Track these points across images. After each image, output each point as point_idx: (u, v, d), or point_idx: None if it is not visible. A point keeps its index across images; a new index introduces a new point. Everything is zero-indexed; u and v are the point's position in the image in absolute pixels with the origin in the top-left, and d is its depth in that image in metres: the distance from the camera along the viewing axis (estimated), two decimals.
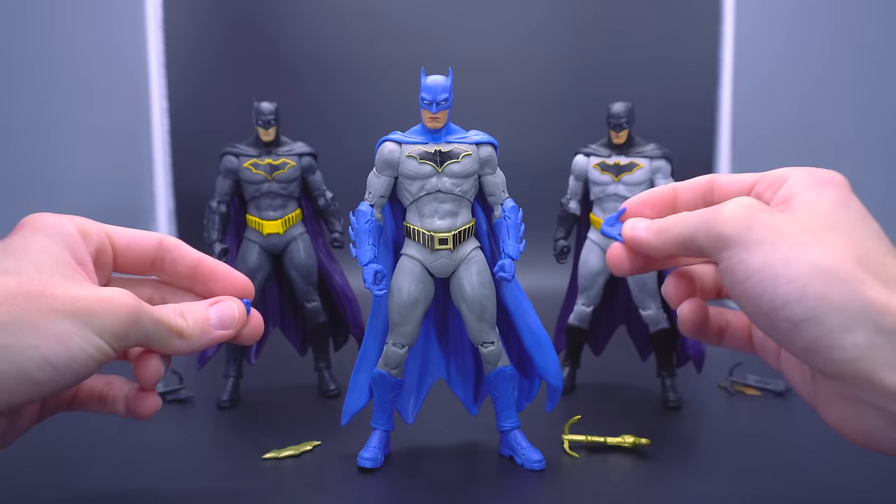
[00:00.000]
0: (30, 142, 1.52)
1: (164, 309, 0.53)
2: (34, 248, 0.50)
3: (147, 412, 0.57)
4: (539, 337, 0.78)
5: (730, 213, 0.43)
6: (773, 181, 0.47)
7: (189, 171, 1.87)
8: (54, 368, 0.46)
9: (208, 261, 0.60)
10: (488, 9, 1.92)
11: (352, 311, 1.09)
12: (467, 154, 0.76)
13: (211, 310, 0.56)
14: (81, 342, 0.47)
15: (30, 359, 0.45)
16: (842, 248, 0.40)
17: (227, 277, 0.60)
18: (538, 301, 0.85)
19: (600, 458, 0.79)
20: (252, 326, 0.59)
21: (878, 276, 0.40)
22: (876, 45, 1.72)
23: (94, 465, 0.77)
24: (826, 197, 0.44)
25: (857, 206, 0.44)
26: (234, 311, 0.57)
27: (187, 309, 0.55)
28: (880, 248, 0.42)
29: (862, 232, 0.42)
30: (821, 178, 0.45)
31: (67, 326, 0.46)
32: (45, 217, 0.53)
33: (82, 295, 0.47)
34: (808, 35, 1.79)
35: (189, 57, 1.91)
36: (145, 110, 1.85)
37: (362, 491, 0.72)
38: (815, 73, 1.79)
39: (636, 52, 1.90)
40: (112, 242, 0.57)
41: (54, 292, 0.47)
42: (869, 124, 1.73)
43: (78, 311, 0.47)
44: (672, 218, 0.48)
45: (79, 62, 1.64)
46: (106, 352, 0.48)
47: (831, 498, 0.69)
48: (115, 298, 0.48)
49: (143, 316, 0.50)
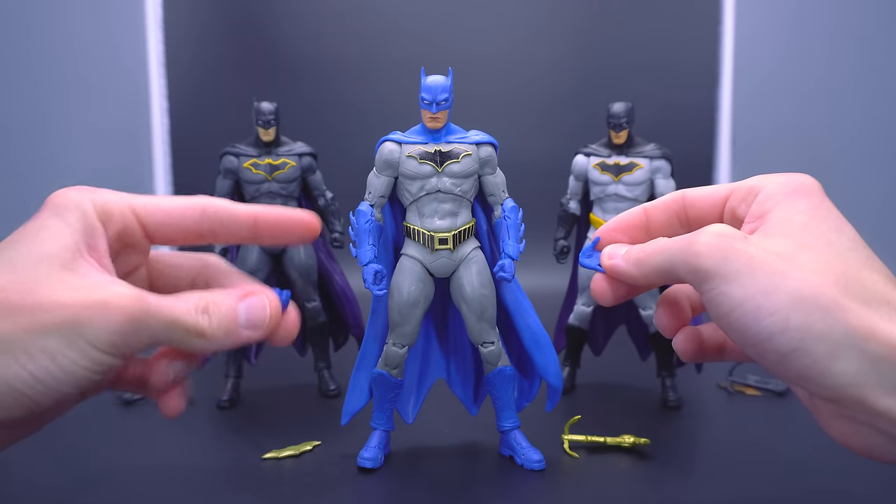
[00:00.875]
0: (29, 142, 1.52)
1: (180, 305, 0.48)
2: (44, 234, 0.47)
3: (168, 414, 0.52)
4: (539, 337, 0.78)
5: (704, 246, 0.42)
6: (745, 194, 0.46)
7: (189, 171, 1.87)
8: (45, 385, 0.44)
9: (265, 215, 0.54)
10: (489, 9, 1.92)
11: (352, 311, 1.09)
12: (467, 154, 0.76)
13: (241, 305, 0.50)
14: (72, 355, 0.44)
15: (17, 377, 0.43)
16: (820, 272, 0.40)
17: (292, 223, 0.54)
18: (538, 301, 0.85)
19: (600, 458, 0.79)
20: (287, 327, 0.53)
21: (858, 297, 0.39)
22: (876, 45, 1.72)
23: (94, 464, 0.77)
24: (800, 210, 0.43)
25: (832, 215, 0.43)
26: (266, 310, 0.51)
27: (213, 302, 0.49)
28: (858, 260, 0.41)
29: (838, 245, 0.42)
30: (793, 187, 0.44)
31: (54, 341, 0.43)
32: (67, 195, 0.49)
33: (73, 300, 0.44)
34: (808, 35, 1.79)
35: (189, 57, 1.91)
36: (145, 110, 1.86)
37: (362, 491, 0.72)
38: (814, 74, 1.79)
39: (636, 52, 1.90)
40: (142, 221, 0.52)
41: (39, 301, 0.44)
42: (869, 124, 1.73)
43: (65, 322, 0.43)
44: (650, 247, 0.47)
45: (78, 62, 1.64)
46: (104, 361, 0.45)
47: (832, 498, 0.69)
48: (111, 302, 0.44)
49: (147, 319, 0.46)
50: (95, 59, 1.69)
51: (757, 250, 0.41)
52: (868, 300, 0.39)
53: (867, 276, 0.41)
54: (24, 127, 1.50)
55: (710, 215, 0.49)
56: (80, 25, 1.64)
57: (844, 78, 1.75)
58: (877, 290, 0.40)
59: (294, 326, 0.53)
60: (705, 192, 0.49)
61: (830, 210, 0.44)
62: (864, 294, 0.39)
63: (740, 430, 0.89)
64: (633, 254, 0.48)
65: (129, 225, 0.52)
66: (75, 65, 1.63)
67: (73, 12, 1.62)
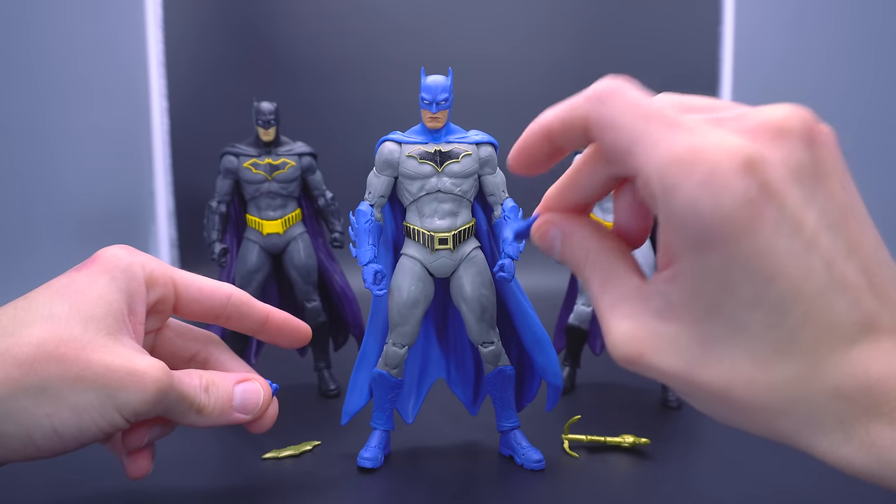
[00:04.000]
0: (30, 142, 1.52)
1: (191, 381, 0.52)
2: (93, 294, 0.49)
3: (134, 475, 0.55)
4: (539, 337, 0.78)
5: (622, 363, 0.37)
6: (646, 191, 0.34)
7: (189, 171, 1.87)
8: (60, 439, 0.46)
9: (276, 316, 0.60)
10: (488, 9, 1.92)
11: (352, 311, 1.09)
12: (467, 154, 0.76)
13: (237, 389, 0.55)
14: (97, 416, 0.47)
15: (39, 426, 0.46)
16: (727, 393, 0.34)
17: (292, 330, 0.61)
18: (538, 301, 0.85)
19: (600, 458, 0.79)
20: (268, 416, 0.58)
21: (769, 407, 0.33)
22: (875, 45, 1.72)
23: (94, 464, 0.77)
24: (711, 276, 0.32)
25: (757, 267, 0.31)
26: (258, 397, 0.56)
27: (213, 382, 0.54)
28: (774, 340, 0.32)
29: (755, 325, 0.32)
30: (702, 230, 0.31)
31: (89, 398, 0.46)
32: (118, 256, 0.52)
33: (117, 366, 0.47)
34: (808, 35, 1.79)
35: (189, 57, 1.91)
36: (145, 110, 1.86)
37: (362, 491, 0.72)
38: (814, 74, 1.79)
39: (636, 53, 1.91)
40: (178, 294, 0.56)
41: (89, 358, 0.46)
42: (869, 124, 1.73)
43: (107, 384, 0.47)
44: (583, 276, 0.40)
45: (78, 62, 1.64)
46: (119, 426, 0.48)
47: (832, 496, 0.69)
48: (149, 374, 0.48)
49: (170, 393, 0.49)
50: (95, 59, 1.69)
51: (658, 375, 0.36)
52: (778, 409, 0.33)
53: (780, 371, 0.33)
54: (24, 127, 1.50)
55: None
56: (80, 25, 1.64)
57: (844, 78, 1.75)
58: (786, 393, 0.33)
59: (273, 417, 0.59)
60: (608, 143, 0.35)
61: (749, 261, 0.31)
62: (772, 404, 0.33)
63: (740, 430, 0.89)
64: (572, 266, 0.41)
65: (168, 295, 0.56)
66: (75, 65, 1.63)
67: (73, 12, 1.61)
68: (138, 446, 0.54)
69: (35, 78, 1.53)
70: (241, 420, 0.55)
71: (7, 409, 0.45)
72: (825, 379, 0.32)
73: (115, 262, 0.52)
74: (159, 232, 1.86)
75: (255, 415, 0.56)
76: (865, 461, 0.32)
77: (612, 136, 0.34)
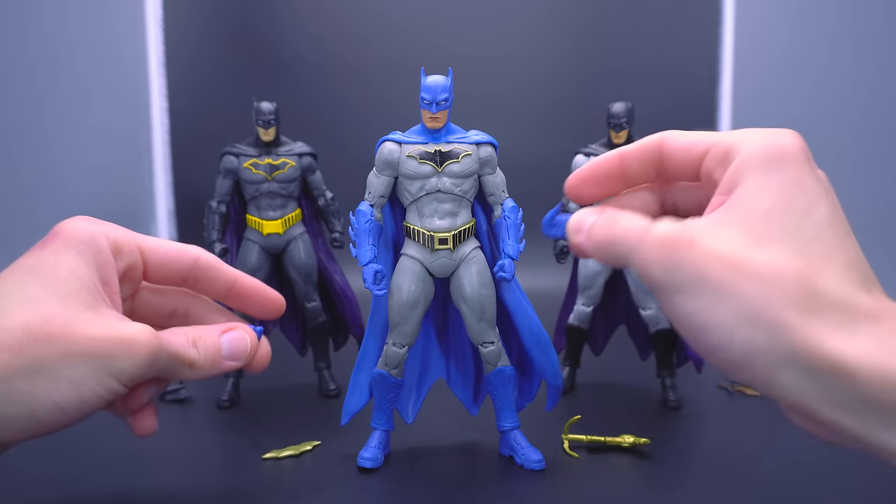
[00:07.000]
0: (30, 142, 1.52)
1: (178, 339, 0.52)
2: (63, 271, 0.49)
3: (142, 433, 0.56)
4: (539, 337, 0.78)
5: (652, 255, 0.41)
6: (722, 156, 0.43)
7: (189, 171, 1.87)
8: (64, 412, 0.47)
9: (244, 281, 0.60)
10: (488, 10, 1.92)
11: (352, 311, 1.09)
12: (467, 154, 0.76)
13: (223, 339, 0.55)
14: (95, 386, 0.47)
15: (41, 404, 0.46)
16: (771, 279, 0.38)
17: (261, 298, 0.61)
18: (538, 301, 0.85)
19: (600, 458, 0.79)
20: (260, 356, 0.59)
21: (808, 305, 0.37)
22: (876, 45, 1.72)
23: (94, 465, 0.77)
24: (769, 189, 0.40)
25: (805, 192, 0.40)
26: (245, 343, 0.56)
27: (200, 337, 0.54)
28: (819, 254, 0.39)
29: (801, 235, 0.39)
30: (770, 155, 0.41)
31: (84, 371, 0.47)
32: (79, 228, 0.52)
33: (104, 335, 0.47)
34: (808, 35, 1.79)
35: (189, 57, 1.90)
36: (145, 110, 1.86)
37: (362, 491, 0.72)
38: (814, 74, 1.79)
39: (636, 52, 1.90)
40: (145, 259, 0.56)
41: (76, 332, 0.47)
42: (869, 124, 1.73)
43: (97, 354, 0.47)
44: (611, 229, 0.45)
45: (78, 62, 1.64)
46: (117, 391, 0.49)
47: (832, 497, 0.69)
48: (138, 339, 0.48)
49: (161, 354, 0.50)
50: (95, 59, 1.69)
51: (706, 259, 0.39)
52: (818, 308, 0.37)
53: (825, 276, 0.38)
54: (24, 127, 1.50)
55: (687, 172, 0.46)
56: (80, 25, 1.64)
57: (844, 78, 1.75)
58: (829, 293, 0.38)
59: (267, 356, 0.60)
60: (684, 143, 0.45)
61: (804, 184, 0.40)
62: (816, 301, 0.38)
63: (740, 430, 0.89)
64: (597, 234, 0.46)
65: (136, 261, 0.56)
66: (75, 65, 1.63)
67: (73, 12, 1.61)
68: (140, 406, 0.55)
69: (35, 78, 1.53)
70: (232, 367, 0.56)
71: (5, 393, 0.45)
72: (858, 299, 0.38)
73: (77, 234, 0.51)
74: (159, 232, 1.86)
75: (244, 360, 0.57)
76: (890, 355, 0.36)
77: (686, 137, 0.45)
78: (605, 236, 0.45)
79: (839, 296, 0.38)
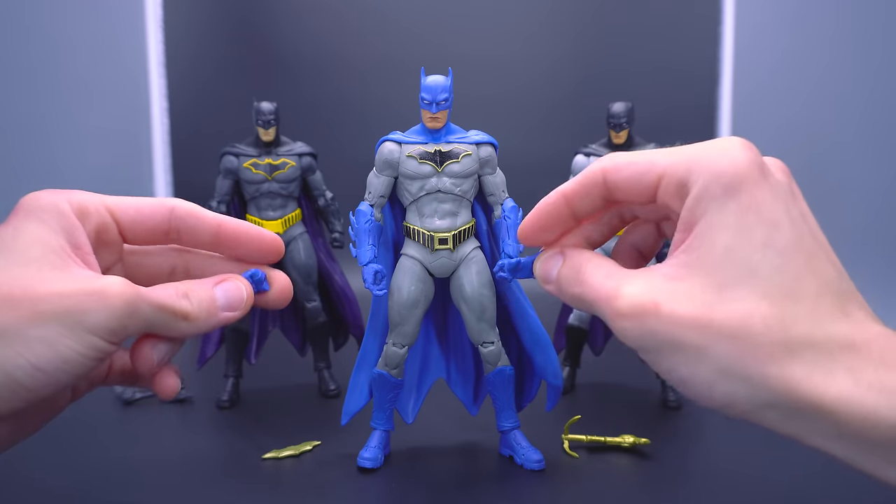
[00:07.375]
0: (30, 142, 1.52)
1: (166, 291, 0.50)
2: (24, 240, 0.48)
3: (165, 393, 0.54)
4: (539, 337, 0.78)
5: (621, 326, 0.41)
6: (677, 187, 0.42)
7: (189, 171, 1.87)
8: (44, 374, 0.45)
9: (229, 224, 0.56)
10: (488, 10, 1.92)
11: (352, 311, 1.09)
12: (467, 154, 0.76)
13: (217, 289, 0.53)
14: (71, 343, 0.45)
15: (18, 367, 0.44)
16: (739, 330, 0.38)
17: (252, 239, 0.56)
18: (538, 301, 0.85)
19: (600, 458, 0.79)
20: (279, 290, 0.56)
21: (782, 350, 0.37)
22: (876, 45, 1.72)
23: (94, 465, 0.77)
24: (726, 224, 0.39)
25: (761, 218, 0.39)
26: (241, 292, 0.54)
27: (191, 289, 0.52)
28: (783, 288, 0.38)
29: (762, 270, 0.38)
30: (725, 182, 0.39)
31: (55, 329, 0.44)
32: (40, 197, 0.50)
33: (72, 290, 0.45)
34: (808, 35, 1.79)
35: (189, 57, 1.91)
36: (145, 110, 1.86)
37: (362, 491, 0.72)
38: (814, 74, 1.79)
39: (636, 52, 1.90)
40: (116, 218, 0.54)
41: (39, 291, 0.45)
42: (868, 124, 1.73)
43: (66, 310, 0.45)
44: (581, 279, 0.45)
45: (79, 62, 1.64)
46: (101, 348, 0.46)
47: (832, 497, 0.69)
48: (109, 289, 0.46)
49: (140, 304, 0.47)
50: (95, 59, 1.69)
51: (673, 325, 0.40)
52: (791, 350, 0.37)
53: (794, 314, 0.38)
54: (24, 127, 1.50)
55: (641, 200, 0.45)
56: (80, 25, 1.64)
57: (844, 78, 1.75)
58: (800, 332, 0.37)
59: (286, 289, 0.56)
60: (631, 173, 0.44)
61: (761, 210, 0.39)
62: (788, 344, 0.37)
63: (740, 430, 0.89)
64: (566, 289, 0.47)
65: (106, 222, 0.53)
66: (75, 65, 1.63)
67: (73, 12, 1.62)
68: (151, 367, 0.52)
69: (35, 78, 1.53)
70: (231, 318, 0.53)
71: None
72: (832, 330, 0.37)
73: (37, 203, 0.50)
74: None
75: (242, 309, 0.54)
76: (877, 401, 0.36)
77: (631, 168, 0.44)
78: (575, 294, 0.46)
79: (811, 333, 0.37)
